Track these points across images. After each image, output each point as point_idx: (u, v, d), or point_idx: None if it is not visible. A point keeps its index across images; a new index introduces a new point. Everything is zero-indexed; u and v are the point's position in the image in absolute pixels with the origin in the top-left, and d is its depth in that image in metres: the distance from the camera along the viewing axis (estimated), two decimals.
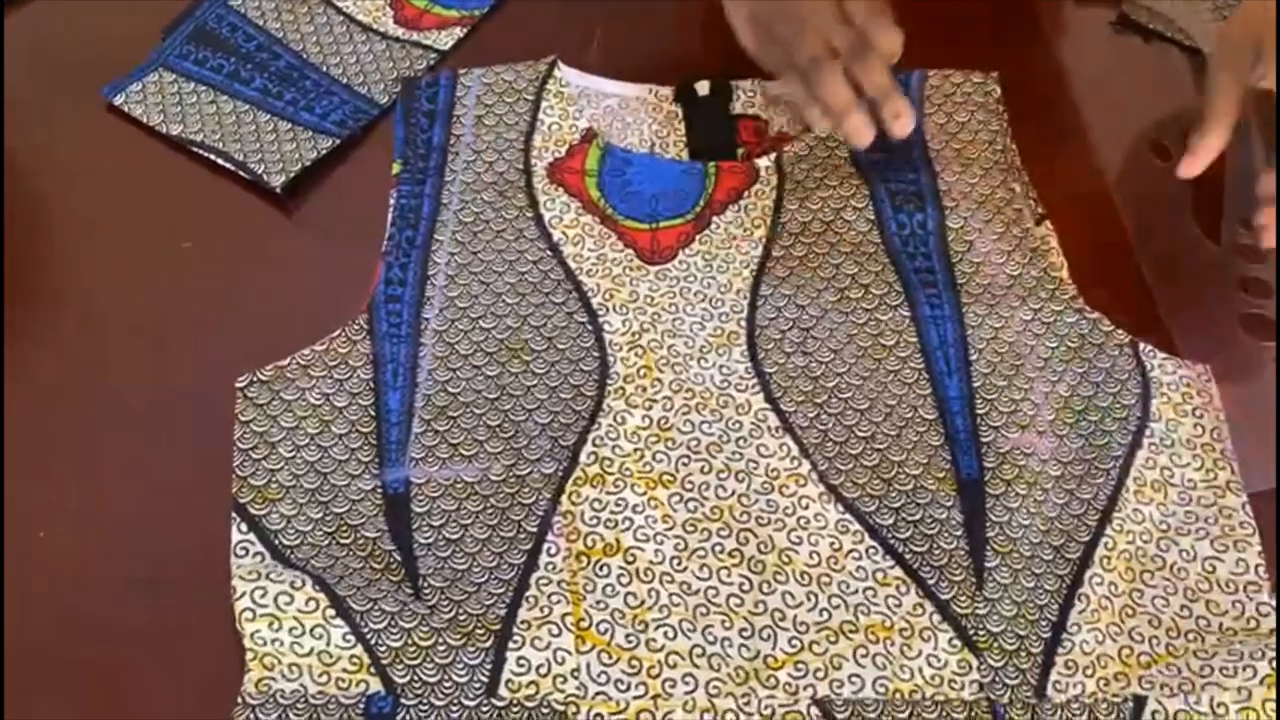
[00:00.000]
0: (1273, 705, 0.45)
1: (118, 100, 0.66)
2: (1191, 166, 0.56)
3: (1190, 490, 0.52)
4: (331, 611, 0.47)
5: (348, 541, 0.50)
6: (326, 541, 0.50)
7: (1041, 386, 0.55)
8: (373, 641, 0.47)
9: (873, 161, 0.64)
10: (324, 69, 0.67)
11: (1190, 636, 0.49)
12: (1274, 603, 0.49)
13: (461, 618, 0.48)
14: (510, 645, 0.47)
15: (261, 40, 0.68)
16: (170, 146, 0.65)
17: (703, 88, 0.67)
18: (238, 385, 0.54)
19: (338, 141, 0.64)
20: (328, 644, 0.47)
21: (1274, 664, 0.46)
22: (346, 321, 0.56)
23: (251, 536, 0.50)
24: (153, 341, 0.58)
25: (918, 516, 0.52)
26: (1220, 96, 0.56)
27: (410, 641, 0.47)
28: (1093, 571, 0.50)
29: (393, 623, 0.47)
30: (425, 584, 0.49)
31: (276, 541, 0.50)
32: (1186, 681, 0.47)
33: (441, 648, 0.47)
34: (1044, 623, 0.49)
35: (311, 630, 0.47)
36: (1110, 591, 0.50)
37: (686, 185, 0.63)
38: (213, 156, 0.63)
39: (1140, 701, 0.46)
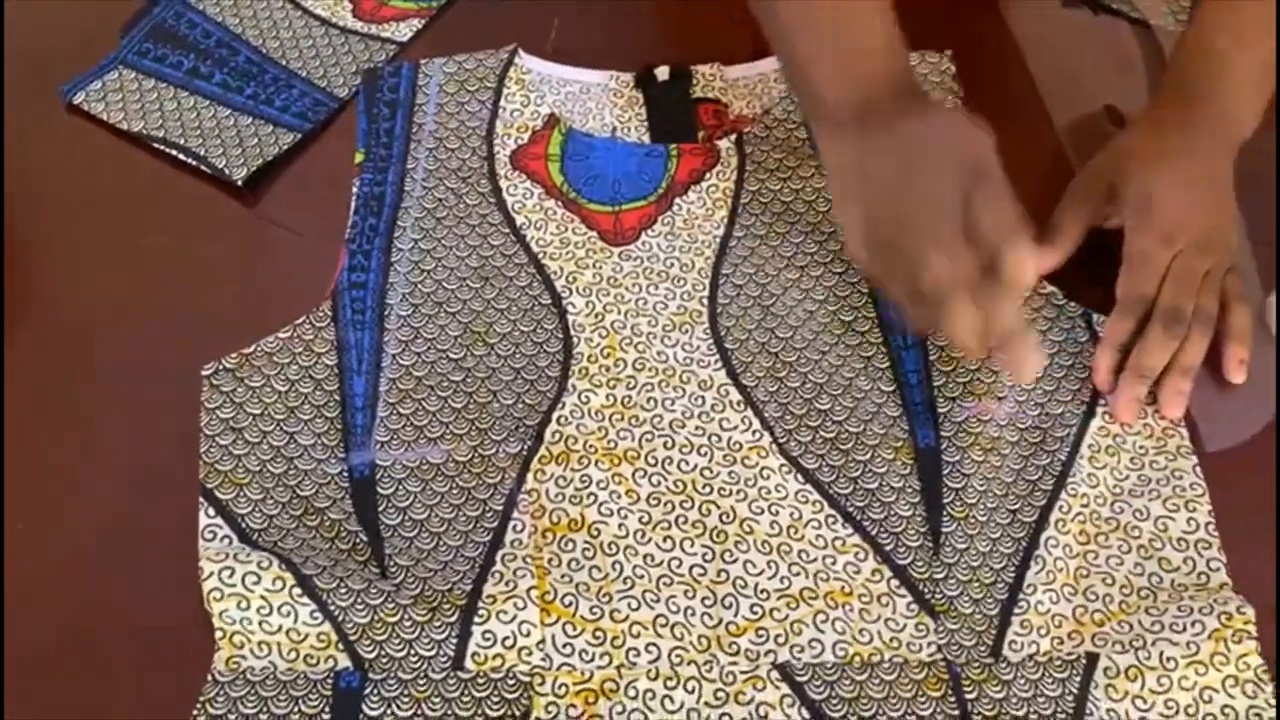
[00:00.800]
0: (1220, 658, 0.47)
1: (78, 99, 0.67)
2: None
3: (1142, 456, 0.53)
4: (298, 590, 0.47)
5: (314, 524, 0.51)
6: (293, 524, 0.51)
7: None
8: (340, 619, 0.47)
9: None
10: (284, 63, 0.68)
11: (1143, 593, 0.50)
12: (1224, 559, 0.50)
13: (427, 594, 0.49)
14: (476, 619, 0.48)
15: (220, 36, 0.69)
16: (131, 143, 0.65)
17: (663, 73, 0.68)
18: (204, 373, 0.55)
19: (299, 135, 0.65)
20: (295, 621, 0.47)
21: (1221, 618, 0.47)
22: (311, 309, 0.57)
23: (219, 520, 0.50)
24: (117, 334, 0.59)
25: (875, 485, 0.53)
26: (1066, 220, 0.58)
27: (377, 618, 0.48)
28: (1048, 534, 0.51)
29: (359, 600, 0.48)
30: (391, 563, 0.50)
31: (244, 525, 0.50)
32: (1138, 638, 0.48)
33: (407, 623, 0.48)
34: (1000, 585, 0.50)
35: (279, 608, 0.47)
36: (1065, 553, 0.51)
37: (649, 168, 0.64)
38: (174, 152, 0.64)
39: (1093, 658, 0.47)
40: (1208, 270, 0.55)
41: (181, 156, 0.64)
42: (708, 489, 0.53)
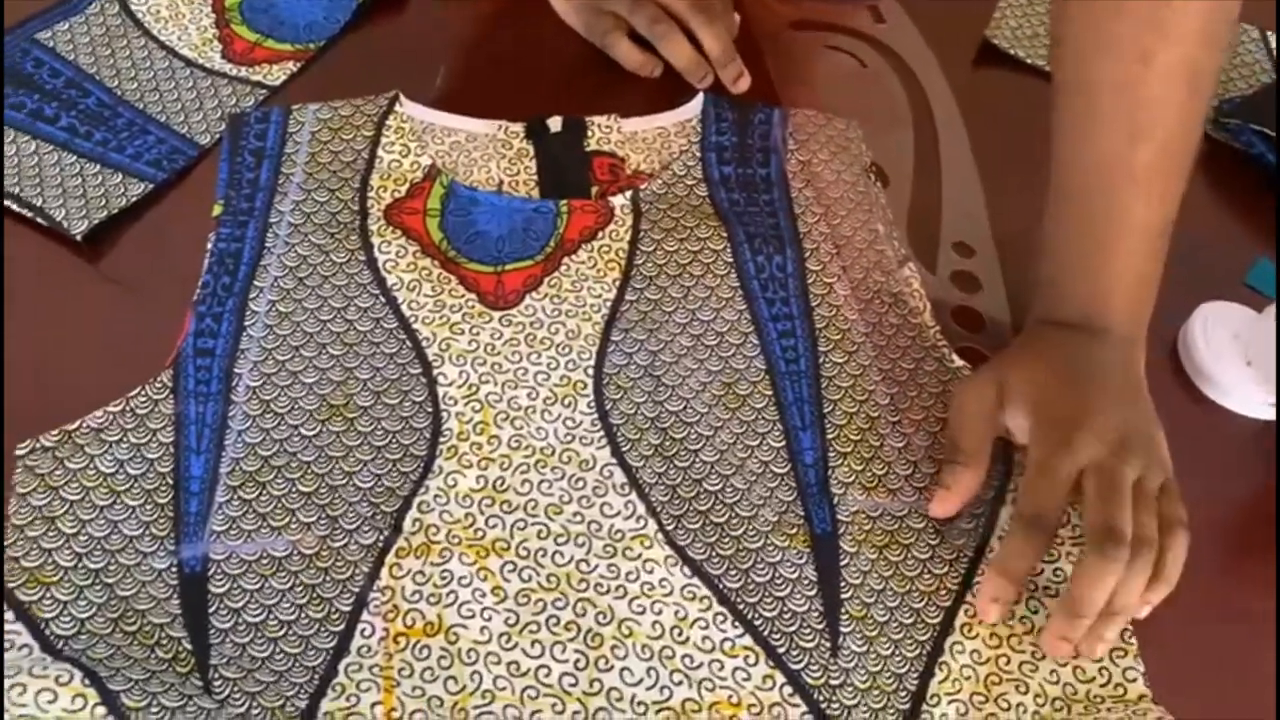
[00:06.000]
0: None
1: None
2: (944, 506, 0.49)
3: (1059, 546, 0.49)
4: (102, 710, 0.41)
5: (133, 629, 0.45)
6: (108, 629, 0.45)
7: (894, 442, 0.52)
8: None
9: (733, 201, 0.61)
10: (140, 106, 0.62)
11: (1056, 705, 0.45)
12: (1141, 668, 0.46)
13: (254, 712, 0.43)
14: None
15: (71, 76, 0.63)
16: None
17: (555, 123, 0.64)
18: (17, 453, 0.48)
19: (150, 186, 0.59)
20: None
21: None
22: (149, 379, 0.51)
23: (18, 626, 0.44)
24: None
25: (768, 577, 0.48)
26: (965, 440, 0.50)
27: None
28: (954, 639, 0.46)
29: None
30: (216, 675, 0.44)
31: (48, 631, 0.44)
32: None
33: None
34: (902, 692, 0.45)
35: None
36: (974, 659, 0.46)
37: (536, 225, 0.59)
38: (8, 203, 0.58)
39: None
40: (1138, 480, 0.47)
41: (15, 207, 0.58)
42: (584, 584, 0.47)
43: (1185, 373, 0.57)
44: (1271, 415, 0.55)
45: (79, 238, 0.57)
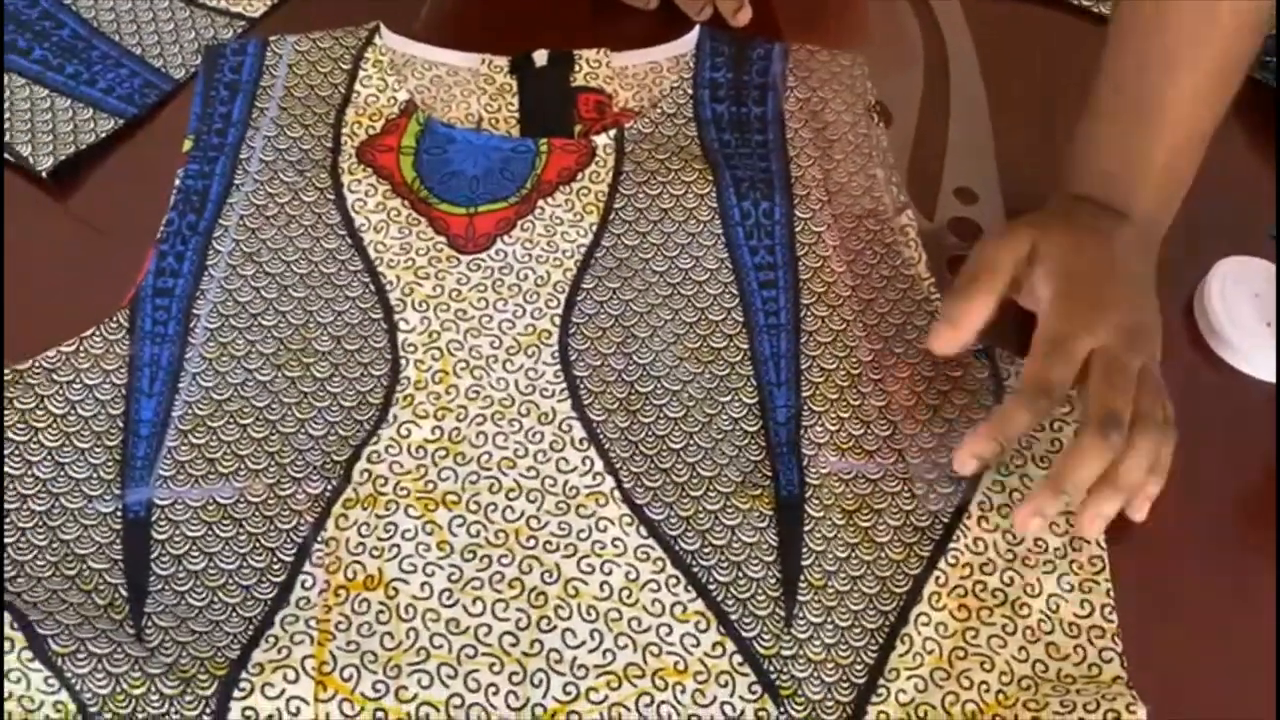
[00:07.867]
0: None
1: None
2: (943, 340, 0.47)
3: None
4: (29, 654, 0.41)
5: (72, 573, 0.44)
6: (48, 572, 0.44)
7: (875, 401, 0.49)
8: (78, 687, 0.41)
9: (724, 142, 0.58)
10: (115, 38, 0.61)
11: (1024, 684, 0.43)
12: (1118, 648, 0.43)
13: (183, 661, 0.42)
14: (236, 693, 0.41)
15: (46, 6, 0.61)
16: None
17: (541, 57, 0.61)
18: None
19: (121, 121, 0.58)
20: (27, 689, 0.40)
21: (1108, 716, 0.40)
22: (105, 319, 0.50)
23: None
24: None
25: (724, 540, 0.46)
26: (987, 269, 0.47)
27: (119, 688, 0.41)
28: (920, 610, 0.44)
29: (99, 667, 0.41)
30: (149, 623, 0.43)
31: None
32: None
33: (154, 696, 0.41)
34: (858, 666, 0.43)
35: (9, 674, 0.40)
36: (938, 632, 0.43)
37: (513, 165, 0.57)
38: None
39: None
40: (1143, 368, 0.45)
41: None
42: (532, 541, 0.46)
43: (1200, 333, 0.53)
44: None
45: (44, 174, 0.56)
